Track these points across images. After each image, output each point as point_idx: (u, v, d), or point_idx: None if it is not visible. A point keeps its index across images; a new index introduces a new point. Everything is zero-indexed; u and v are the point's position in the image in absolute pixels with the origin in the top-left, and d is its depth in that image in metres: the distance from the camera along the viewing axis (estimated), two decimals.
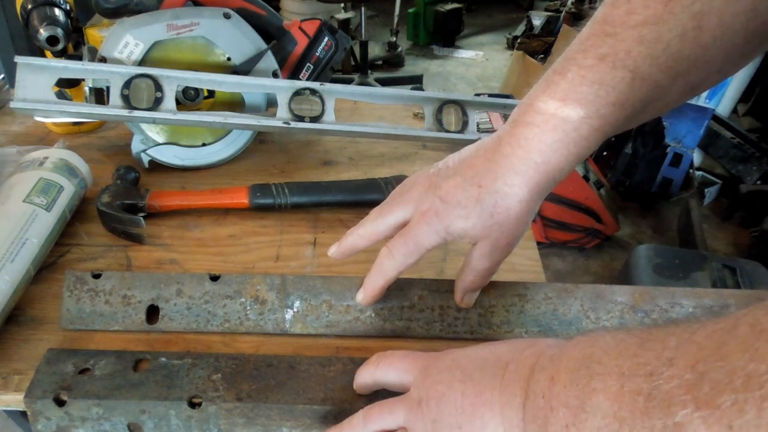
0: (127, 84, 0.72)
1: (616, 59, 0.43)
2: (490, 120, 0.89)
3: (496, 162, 0.47)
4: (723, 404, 0.24)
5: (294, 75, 0.86)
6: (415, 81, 3.30)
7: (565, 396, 0.32)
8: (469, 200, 0.47)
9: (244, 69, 0.78)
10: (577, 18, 3.39)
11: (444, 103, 0.81)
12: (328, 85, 0.77)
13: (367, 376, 0.46)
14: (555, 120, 0.45)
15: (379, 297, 0.55)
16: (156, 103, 0.73)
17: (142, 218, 0.66)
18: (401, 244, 0.50)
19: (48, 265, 0.64)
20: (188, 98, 0.78)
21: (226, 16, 0.76)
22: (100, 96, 0.74)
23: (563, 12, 3.61)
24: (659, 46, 0.42)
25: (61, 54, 0.80)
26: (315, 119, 0.76)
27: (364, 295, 0.54)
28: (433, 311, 0.57)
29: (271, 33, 0.83)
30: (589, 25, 0.46)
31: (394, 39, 3.70)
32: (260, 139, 0.87)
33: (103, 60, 0.74)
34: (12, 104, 0.71)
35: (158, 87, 0.73)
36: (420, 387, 0.42)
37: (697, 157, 2.54)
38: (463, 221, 0.48)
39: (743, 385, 0.23)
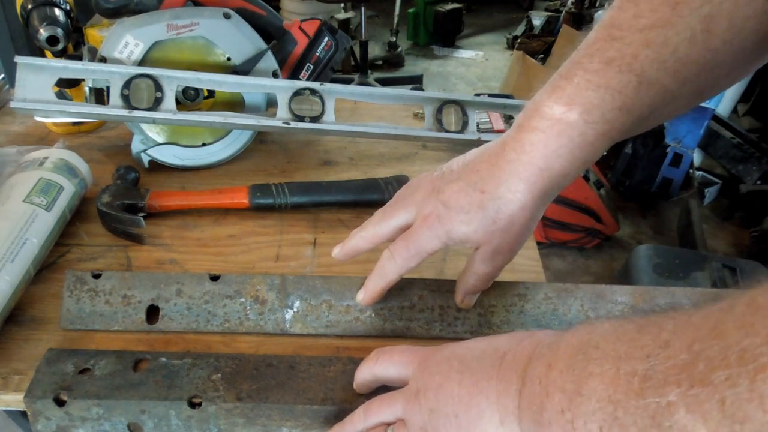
0: (127, 84, 0.72)
1: (622, 63, 0.43)
2: (490, 120, 0.89)
3: (500, 167, 0.47)
4: (716, 380, 0.24)
5: (294, 75, 0.85)
6: (415, 81, 3.30)
7: (561, 381, 0.32)
8: (472, 206, 0.47)
9: (244, 69, 0.78)
10: (578, 18, 3.39)
11: (444, 103, 0.81)
12: (328, 85, 0.77)
13: (366, 372, 0.46)
14: (560, 125, 0.44)
15: (379, 298, 0.55)
16: (156, 103, 0.73)
17: (142, 218, 0.66)
18: (403, 248, 0.50)
19: (48, 265, 0.64)
20: (188, 98, 0.78)
21: (226, 16, 0.76)
22: (100, 96, 0.74)
23: (563, 12, 3.61)
24: (667, 50, 0.42)
25: (61, 54, 0.80)
26: (315, 119, 0.76)
27: (365, 296, 0.54)
28: (433, 311, 0.57)
29: (271, 33, 0.83)
30: (596, 29, 0.45)
31: (394, 39, 3.70)
32: (260, 139, 0.87)
33: (103, 60, 0.74)
34: (12, 104, 0.71)
35: (158, 87, 0.73)
36: (418, 379, 0.42)
37: (697, 157, 2.54)
38: (465, 226, 0.48)
39: (737, 360, 0.23)
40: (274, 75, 0.79)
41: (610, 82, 0.43)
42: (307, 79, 0.86)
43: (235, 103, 0.81)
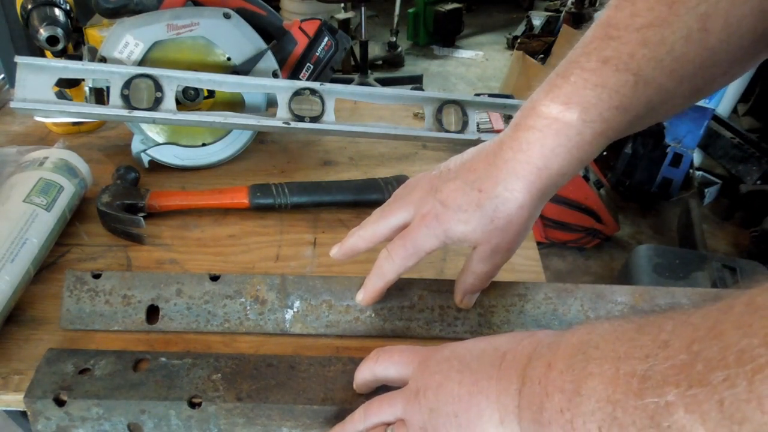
0: (127, 84, 0.72)
1: (619, 62, 0.43)
2: (490, 120, 0.89)
3: (497, 166, 0.47)
4: (714, 380, 0.24)
5: (294, 75, 0.85)
6: (415, 81, 3.30)
7: (561, 381, 0.32)
8: (470, 204, 0.47)
9: (244, 69, 0.78)
10: (578, 18, 3.39)
11: (444, 103, 0.81)
12: (328, 85, 0.77)
13: (366, 372, 0.46)
14: (557, 124, 0.44)
15: (378, 298, 0.55)
16: (156, 103, 0.73)
17: (142, 218, 0.66)
18: (400, 247, 0.50)
19: (48, 265, 0.64)
20: (188, 98, 0.78)
21: (226, 16, 0.76)
22: (100, 96, 0.74)
23: (563, 12, 3.61)
24: (663, 48, 0.42)
25: (61, 54, 0.80)
26: (315, 119, 0.76)
27: (364, 296, 0.54)
28: (433, 311, 0.57)
29: (271, 33, 0.83)
30: (592, 27, 0.45)
31: (394, 39, 3.70)
32: (260, 139, 0.87)
33: (103, 60, 0.74)
34: (12, 104, 0.71)
35: (158, 87, 0.73)
36: (418, 378, 0.42)
37: (697, 157, 2.53)
38: (462, 225, 0.48)
39: (736, 360, 0.23)
40: (274, 75, 0.79)
41: (607, 81, 0.43)
42: (307, 79, 0.86)
43: (235, 103, 0.81)
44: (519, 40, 3.58)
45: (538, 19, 3.79)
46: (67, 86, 0.85)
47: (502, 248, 0.49)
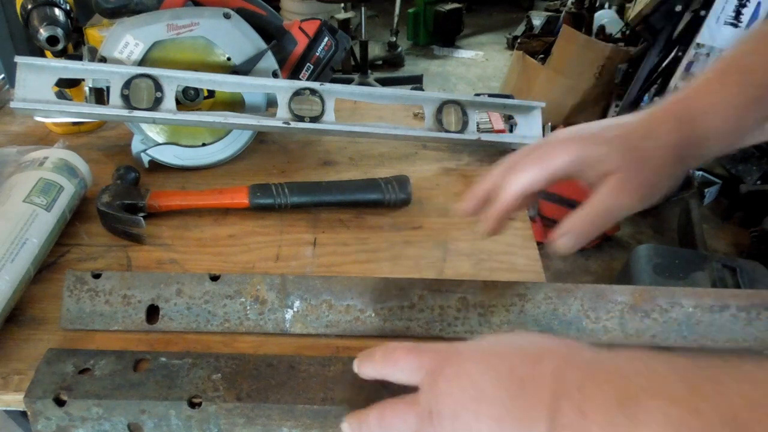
0: (127, 84, 0.72)
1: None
2: (490, 120, 0.89)
3: (652, 113, 0.48)
4: None
5: (294, 75, 0.85)
6: (415, 81, 3.29)
7: None
8: (611, 130, 0.48)
9: (244, 69, 0.78)
10: (578, 18, 3.39)
11: (444, 103, 0.81)
12: (328, 85, 0.77)
13: (371, 372, 0.46)
14: (721, 104, 0.46)
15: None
16: (156, 103, 0.73)
17: (142, 218, 0.66)
18: (529, 162, 0.49)
19: (48, 265, 0.64)
20: (188, 98, 0.78)
21: (226, 16, 0.76)
22: (100, 96, 0.74)
23: (563, 12, 3.61)
24: None
25: (61, 54, 0.80)
26: (315, 119, 0.76)
27: (486, 226, 0.51)
28: (433, 311, 0.57)
29: (271, 33, 0.83)
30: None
31: (394, 39, 3.70)
32: (260, 139, 0.87)
33: (103, 60, 0.74)
34: (12, 104, 0.71)
35: (158, 87, 0.73)
36: (429, 396, 0.40)
37: None
38: (603, 146, 0.47)
39: None
40: (274, 75, 0.79)
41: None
42: (307, 79, 0.86)
43: (235, 103, 0.81)
44: (519, 40, 3.58)
45: (538, 19, 3.79)
46: (67, 86, 0.85)
47: (635, 180, 0.46)
